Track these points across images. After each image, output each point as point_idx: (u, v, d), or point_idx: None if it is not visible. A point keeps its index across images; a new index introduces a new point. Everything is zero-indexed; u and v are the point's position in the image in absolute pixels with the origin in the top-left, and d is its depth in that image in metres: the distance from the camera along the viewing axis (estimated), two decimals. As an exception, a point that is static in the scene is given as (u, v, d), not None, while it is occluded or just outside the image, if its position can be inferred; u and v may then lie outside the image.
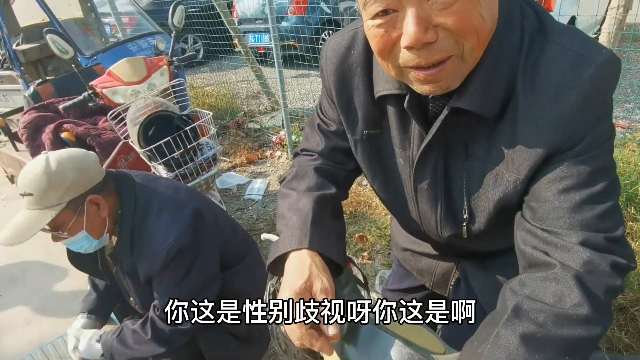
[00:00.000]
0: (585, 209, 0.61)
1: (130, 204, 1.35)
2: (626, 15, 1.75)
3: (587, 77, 0.60)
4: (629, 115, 3.67)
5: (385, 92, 0.73)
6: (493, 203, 0.73)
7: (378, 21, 0.59)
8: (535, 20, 0.66)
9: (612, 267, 0.59)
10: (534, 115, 0.63)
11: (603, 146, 0.63)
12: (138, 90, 2.05)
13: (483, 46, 0.61)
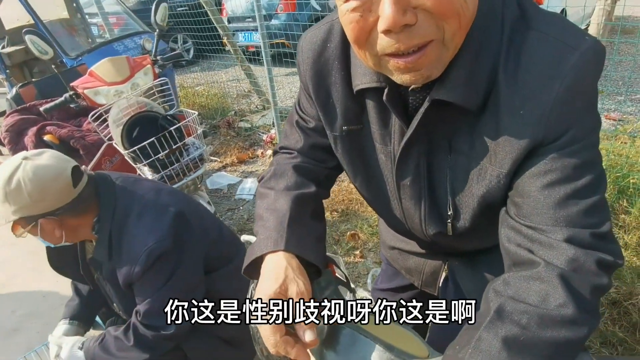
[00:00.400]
0: (571, 204, 0.58)
1: (108, 208, 1.31)
2: (614, 6, 1.73)
3: (571, 66, 0.57)
4: (620, 107, 3.67)
5: (364, 86, 0.70)
6: (477, 199, 0.71)
7: (352, 4, 0.55)
8: (517, 8, 0.63)
9: (598, 265, 0.56)
10: (516, 107, 0.60)
11: (588, 138, 0.60)
12: (121, 90, 2.01)
13: (464, 31, 0.58)
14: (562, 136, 0.59)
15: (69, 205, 1.24)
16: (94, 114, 1.92)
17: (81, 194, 1.27)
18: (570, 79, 0.57)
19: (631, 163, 2.26)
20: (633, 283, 1.86)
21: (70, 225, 1.28)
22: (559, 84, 0.57)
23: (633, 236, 2.05)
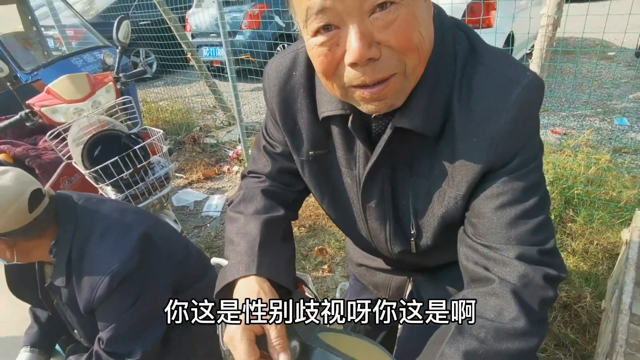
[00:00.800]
0: (520, 224, 0.65)
1: (68, 230, 1.27)
2: (555, 33, 1.89)
3: (515, 99, 0.64)
4: (564, 122, 3.95)
5: (329, 113, 0.74)
6: (437, 219, 0.76)
7: (320, 39, 0.58)
8: (466, 43, 0.69)
9: (545, 279, 0.62)
10: (469, 134, 0.66)
11: (534, 163, 0.67)
12: (81, 108, 1.96)
13: (424, 64, 0.63)
14: (512, 161, 0.66)
15: (22, 229, 1.19)
16: (52, 133, 1.86)
17: (37, 218, 1.22)
18: (514, 110, 0.64)
19: (575, 175, 2.45)
20: (581, 287, 2.00)
21: (24, 248, 1.24)
22: (505, 114, 0.64)
23: (579, 243, 2.21)
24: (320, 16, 0.56)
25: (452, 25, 0.70)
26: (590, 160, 2.60)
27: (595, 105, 4.32)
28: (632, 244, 1.38)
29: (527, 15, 2.46)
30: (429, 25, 0.62)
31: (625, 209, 2.30)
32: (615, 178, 2.58)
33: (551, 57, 2.07)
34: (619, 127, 3.80)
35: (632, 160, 3.17)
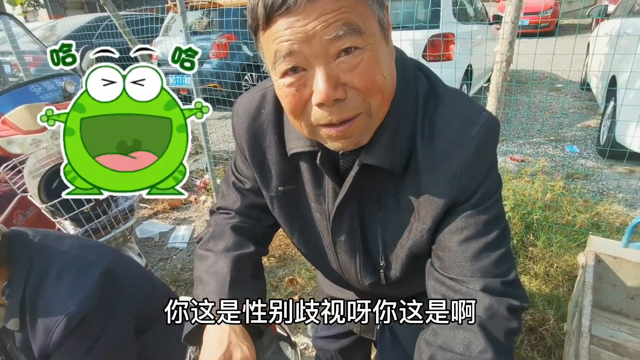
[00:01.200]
0: (483, 257, 0.68)
1: (22, 271, 1.19)
2: (508, 69, 2.03)
3: (472, 137, 0.68)
4: (521, 150, 4.18)
5: (297, 150, 0.75)
6: (405, 251, 0.78)
7: (288, 80, 0.61)
8: (427, 83, 0.74)
9: (508, 310, 0.65)
10: (432, 170, 0.70)
11: (494, 197, 0.72)
12: (39, 139, 1.89)
13: (387, 103, 0.67)
14: (473, 196, 0.70)
15: None
16: (8, 165, 1.77)
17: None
18: (473, 147, 0.68)
19: (533, 201, 2.57)
20: (544, 310, 2.06)
21: None
22: (465, 151, 0.68)
23: (540, 266, 2.29)
24: (288, 59, 0.59)
25: (413, 67, 0.75)
26: (546, 186, 2.74)
27: (548, 133, 4.61)
28: (587, 268, 1.45)
29: (483, 50, 2.63)
30: (392, 68, 0.66)
31: (580, 232, 2.43)
32: (569, 203, 2.73)
33: (506, 89, 2.21)
34: (570, 154, 4.06)
35: (584, 186, 3.38)
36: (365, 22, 0.58)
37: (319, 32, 0.56)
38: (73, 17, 9.07)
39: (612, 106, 3.59)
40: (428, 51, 3.94)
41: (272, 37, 0.59)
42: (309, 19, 0.55)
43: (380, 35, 0.61)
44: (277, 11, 0.56)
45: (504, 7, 2.01)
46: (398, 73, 0.69)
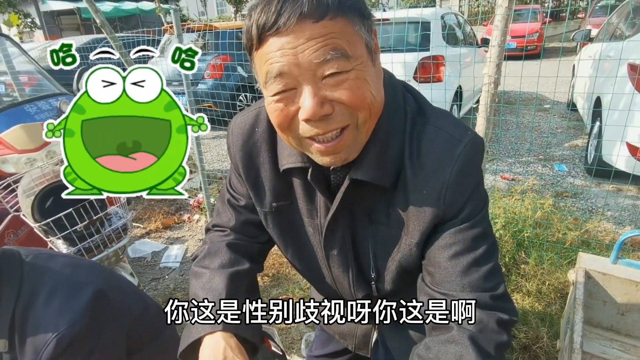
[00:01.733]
0: (472, 272, 0.71)
1: (11, 291, 1.17)
2: (497, 91, 2.09)
3: (457, 155, 0.72)
4: (511, 169, 4.25)
5: (289, 166, 0.78)
6: (395, 263, 0.81)
7: (278, 97, 0.65)
8: (414, 103, 0.78)
9: (498, 324, 0.68)
10: (420, 186, 0.73)
11: (481, 213, 0.74)
12: (34, 158, 1.89)
13: (374, 119, 0.70)
14: (461, 212, 0.72)
15: None
16: (1, 185, 1.77)
17: None
18: (458, 164, 0.71)
19: (524, 219, 2.61)
20: (538, 327, 2.07)
21: None
22: (450, 168, 0.71)
23: (533, 284, 2.31)
24: (279, 79, 0.63)
25: (401, 88, 0.79)
26: (536, 204, 2.79)
27: (537, 152, 4.70)
28: (577, 284, 1.47)
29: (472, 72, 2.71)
30: (379, 87, 0.70)
31: (571, 250, 2.46)
32: (559, 221, 2.77)
33: (495, 110, 2.27)
34: (559, 172, 4.13)
35: (573, 204, 3.43)
36: (352, 46, 0.62)
37: (307, 56, 0.60)
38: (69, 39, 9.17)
39: (598, 126, 3.69)
40: (419, 73, 4.04)
41: (264, 58, 0.62)
42: (298, 42, 0.59)
43: (367, 57, 0.65)
44: (269, 31, 0.60)
45: (491, 31, 2.09)
46: (387, 93, 0.73)
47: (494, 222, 2.48)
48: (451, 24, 5.10)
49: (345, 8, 0.61)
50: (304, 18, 0.59)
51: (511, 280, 2.35)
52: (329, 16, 0.60)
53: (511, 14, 1.97)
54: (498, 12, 1.99)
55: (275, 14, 0.59)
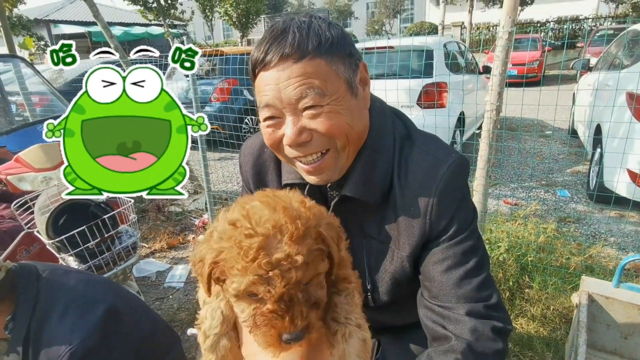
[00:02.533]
0: (465, 284, 0.77)
1: (27, 305, 1.21)
2: (498, 117, 2.16)
3: (441, 175, 0.79)
4: (514, 194, 4.28)
5: (289, 181, 0.89)
6: (389, 275, 0.87)
7: (267, 122, 0.78)
8: (403, 128, 0.87)
9: (493, 331, 0.73)
10: (407, 204, 0.81)
11: (469, 229, 0.81)
12: (50, 176, 1.95)
13: (354, 144, 0.80)
14: (448, 229, 0.79)
15: None
16: (19, 202, 1.82)
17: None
18: (442, 184, 0.79)
19: (527, 243, 2.63)
20: (543, 352, 2.06)
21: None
22: (434, 187, 0.79)
23: (537, 308, 2.31)
24: (267, 109, 0.76)
25: (390, 114, 0.89)
26: (539, 229, 2.81)
27: (540, 178, 4.74)
28: (581, 307, 1.49)
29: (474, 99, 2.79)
30: (360, 116, 0.80)
31: (574, 275, 2.47)
32: (562, 245, 2.79)
33: (497, 136, 2.33)
34: (561, 198, 4.16)
35: (576, 229, 3.45)
36: (327, 84, 0.73)
37: (288, 92, 0.72)
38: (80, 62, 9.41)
39: (599, 153, 3.75)
40: (422, 99, 4.14)
41: (258, 88, 0.76)
42: (280, 79, 0.72)
43: (345, 91, 0.76)
44: (259, 66, 0.74)
45: (493, 58, 2.17)
46: (377, 119, 0.83)
47: (497, 245, 2.50)
48: (454, 52, 5.24)
49: (324, 51, 0.72)
50: (286, 57, 0.71)
51: (515, 304, 2.36)
52: (308, 57, 0.71)
53: (511, 44, 2.06)
54: (499, 43, 2.08)
55: (263, 52, 0.73)
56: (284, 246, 0.52)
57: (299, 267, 0.52)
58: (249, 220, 0.55)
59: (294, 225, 0.54)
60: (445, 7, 16.49)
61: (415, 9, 29.64)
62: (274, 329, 0.52)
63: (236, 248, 0.53)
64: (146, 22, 18.66)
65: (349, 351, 0.60)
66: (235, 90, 6.13)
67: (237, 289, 0.54)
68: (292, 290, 0.52)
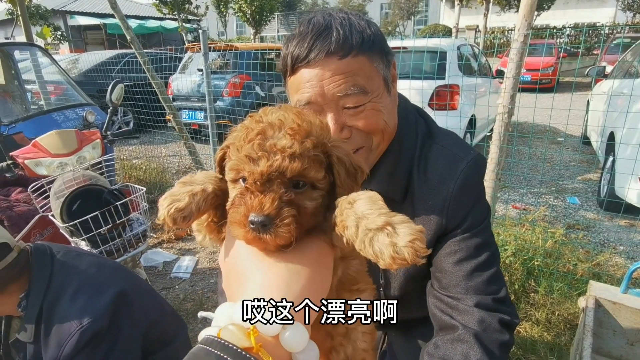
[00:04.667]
0: (475, 276, 0.78)
1: (41, 285, 1.24)
2: (510, 121, 2.16)
3: (460, 171, 0.81)
4: (522, 199, 4.26)
5: None
6: (402, 270, 0.89)
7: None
8: (424, 126, 0.89)
9: (500, 324, 0.75)
10: (425, 198, 0.82)
11: (482, 224, 0.82)
12: (65, 162, 1.98)
13: (387, 142, 0.81)
14: (463, 223, 0.81)
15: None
16: (35, 185, 1.86)
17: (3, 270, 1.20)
18: (460, 180, 0.80)
19: (534, 248, 2.62)
20: (546, 357, 2.06)
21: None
22: (453, 183, 0.80)
23: (542, 313, 2.30)
24: (308, 106, 0.76)
25: (414, 112, 0.90)
26: (547, 234, 2.80)
27: (550, 184, 4.71)
28: (587, 311, 1.49)
29: (486, 102, 2.79)
30: (393, 114, 0.81)
31: (581, 281, 2.45)
32: (570, 252, 2.77)
33: (508, 140, 2.33)
34: (571, 205, 4.13)
35: (584, 236, 3.42)
36: (370, 82, 0.74)
37: (332, 89, 0.72)
38: (95, 53, 9.54)
39: (611, 160, 3.71)
40: (434, 100, 4.13)
41: (296, 86, 0.76)
42: (324, 75, 0.72)
43: (383, 89, 0.77)
44: (301, 63, 0.73)
45: (507, 63, 2.17)
46: (401, 117, 0.84)
47: (504, 248, 2.50)
48: (467, 55, 5.22)
49: (367, 47, 0.73)
50: (330, 54, 0.71)
51: (520, 308, 2.35)
52: (352, 54, 0.72)
53: (526, 47, 2.05)
54: (514, 46, 2.07)
55: (307, 49, 0.72)
56: (280, 136, 0.54)
57: (286, 155, 0.52)
58: (263, 112, 0.58)
59: (298, 125, 0.55)
60: (460, 10, 16.39)
61: (430, 11, 29.47)
62: (244, 206, 0.51)
63: (243, 132, 0.56)
64: (161, 16, 18.82)
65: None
66: (248, 86, 6.16)
67: (229, 167, 0.56)
68: (272, 176, 0.52)
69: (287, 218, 0.50)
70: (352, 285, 0.63)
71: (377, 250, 0.48)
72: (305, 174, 0.53)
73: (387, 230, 0.48)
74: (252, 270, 0.52)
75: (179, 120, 4.70)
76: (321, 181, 0.55)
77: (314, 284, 0.52)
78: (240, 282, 0.53)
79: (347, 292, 0.63)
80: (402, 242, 0.47)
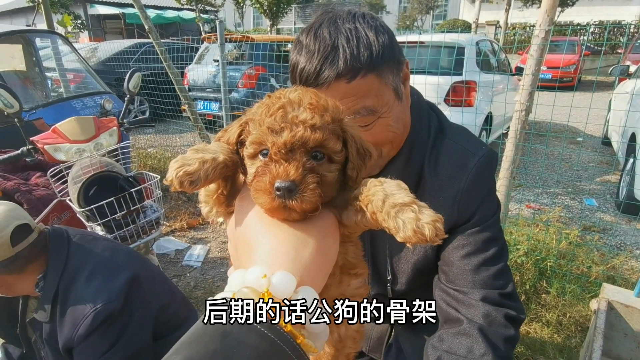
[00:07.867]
0: (483, 270, 0.78)
1: (57, 266, 1.28)
2: (527, 118, 2.12)
3: (471, 166, 0.81)
4: (537, 199, 4.19)
5: None
6: (411, 265, 0.89)
7: None
8: (437, 121, 0.88)
9: (506, 318, 0.74)
10: (437, 193, 0.82)
11: (492, 219, 0.82)
12: (83, 148, 2.03)
13: (397, 148, 0.83)
14: (473, 217, 0.80)
15: (4, 263, 1.21)
16: (54, 170, 1.91)
17: (20, 253, 1.24)
18: (471, 175, 0.80)
19: (548, 248, 2.58)
20: (555, 358, 2.04)
21: (5, 280, 1.24)
22: (464, 178, 0.80)
23: (553, 314, 2.28)
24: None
25: (427, 108, 0.90)
26: (561, 235, 2.75)
27: (566, 185, 4.62)
28: (599, 313, 1.46)
29: (503, 99, 2.74)
30: (403, 118, 0.81)
31: (595, 284, 2.41)
32: (585, 254, 2.72)
33: (525, 137, 2.29)
34: (588, 207, 4.05)
35: (600, 239, 3.36)
36: (379, 98, 0.74)
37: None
38: (114, 42, 9.67)
39: (632, 161, 3.62)
40: (451, 96, 4.08)
41: None
42: (334, 97, 0.70)
43: (394, 99, 0.77)
44: (310, 84, 0.73)
45: (526, 59, 2.13)
46: (414, 113, 0.84)
47: (516, 248, 2.47)
48: (486, 51, 5.13)
49: (376, 63, 0.72)
50: (339, 77, 0.71)
51: (531, 308, 2.33)
52: (361, 75, 0.71)
53: (547, 44, 2.01)
54: (534, 41, 2.03)
55: (315, 73, 0.71)
56: (301, 110, 0.55)
57: (308, 126, 0.54)
58: (281, 92, 0.60)
59: (317, 100, 0.57)
60: (481, 5, 16.07)
61: (450, 6, 28.98)
62: (269, 175, 0.52)
63: (264, 108, 0.57)
64: (179, 6, 18.94)
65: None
66: (263, 77, 6.18)
67: (250, 140, 0.57)
68: (295, 146, 0.53)
69: (312, 183, 0.52)
70: (350, 269, 0.65)
71: (399, 222, 0.50)
72: (325, 145, 0.55)
73: (413, 207, 0.50)
74: (261, 238, 0.53)
75: (194, 111, 4.75)
76: (338, 154, 0.57)
77: (322, 252, 0.53)
78: (249, 249, 0.53)
79: (346, 276, 0.64)
80: (425, 219, 0.49)
